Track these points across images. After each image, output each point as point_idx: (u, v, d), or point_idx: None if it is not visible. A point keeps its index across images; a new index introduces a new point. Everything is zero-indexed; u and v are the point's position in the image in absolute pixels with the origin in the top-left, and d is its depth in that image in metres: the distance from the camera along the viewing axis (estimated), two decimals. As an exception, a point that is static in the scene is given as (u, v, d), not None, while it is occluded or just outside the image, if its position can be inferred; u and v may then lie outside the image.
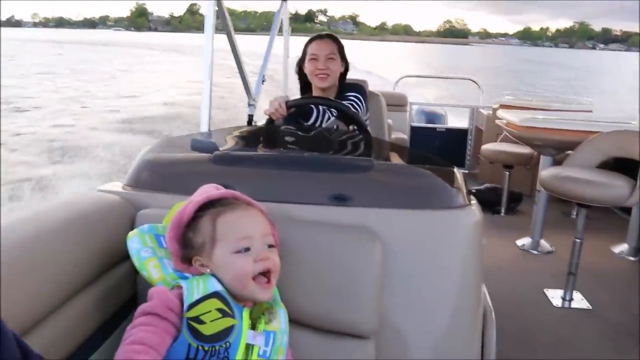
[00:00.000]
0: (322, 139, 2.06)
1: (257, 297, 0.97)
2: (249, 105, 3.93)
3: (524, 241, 3.81)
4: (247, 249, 0.96)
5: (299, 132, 2.16)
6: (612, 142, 3.16)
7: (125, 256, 1.08)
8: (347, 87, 2.47)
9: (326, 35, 2.48)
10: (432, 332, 1.20)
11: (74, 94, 15.45)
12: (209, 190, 1.05)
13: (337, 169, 1.39)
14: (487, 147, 4.59)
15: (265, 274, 0.97)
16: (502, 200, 4.55)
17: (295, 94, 2.73)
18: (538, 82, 28.75)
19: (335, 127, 2.34)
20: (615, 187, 2.83)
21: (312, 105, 2.30)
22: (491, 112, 5.23)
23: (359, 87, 2.50)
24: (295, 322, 1.08)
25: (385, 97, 3.22)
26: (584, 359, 2.42)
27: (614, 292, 3.12)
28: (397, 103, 5.63)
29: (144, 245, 1.04)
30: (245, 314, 0.95)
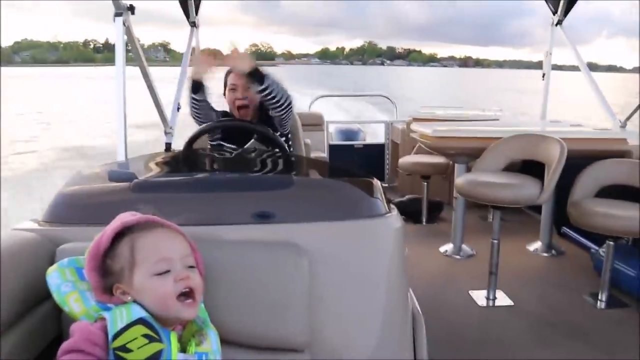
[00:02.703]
0: (242, 160, 2.04)
1: (182, 316, 0.96)
2: (166, 133, 3.85)
3: (446, 247, 3.94)
4: (167, 271, 0.95)
5: (218, 155, 2.13)
6: (513, 146, 3.37)
7: (48, 294, 1.03)
8: (268, 114, 2.48)
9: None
10: (364, 339, 1.21)
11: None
12: (125, 217, 1.03)
13: (259, 188, 1.40)
14: (404, 159, 4.73)
15: (189, 293, 0.96)
16: (423, 210, 4.70)
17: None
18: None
19: (254, 148, 2.34)
20: (526, 188, 3.01)
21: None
22: (405, 126, 5.41)
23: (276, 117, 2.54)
24: (228, 342, 1.07)
25: (301, 118, 3.25)
26: (510, 353, 2.52)
27: (532, 287, 3.28)
28: (314, 123, 5.70)
29: (64, 280, 1.01)
30: (173, 337, 0.94)
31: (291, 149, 2.43)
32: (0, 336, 0.98)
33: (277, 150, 2.20)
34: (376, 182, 1.48)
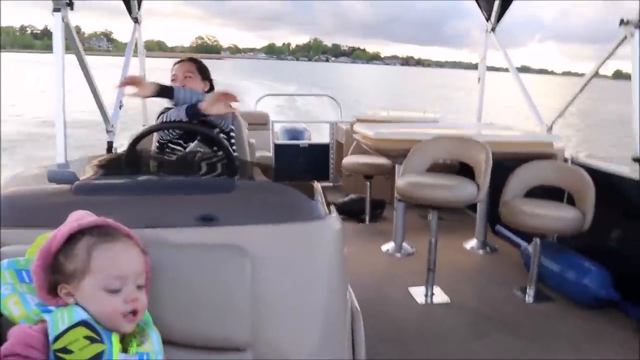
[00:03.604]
0: (185, 162, 2.04)
1: (121, 329, 0.98)
2: (108, 131, 3.76)
3: (387, 246, 4.07)
4: (119, 290, 0.97)
5: (161, 157, 2.13)
6: (436, 148, 3.54)
7: None
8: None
9: (187, 59, 2.65)
10: (304, 339, 1.26)
11: None
12: (81, 217, 1.03)
13: (202, 191, 1.42)
14: (347, 159, 4.83)
15: (134, 312, 0.98)
16: (366, 209, 4.82)
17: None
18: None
19: (198, 150, 2.35)
20: (463, 189, 3.17)
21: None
22: (349, 126, 5.51)
23: (223, 116, 2.54)
24: (170, 342, 1.10)
25: (246, 117, 3.26)
26: (446, 346, 2.66)
27: (467, 283, 3.46)
28: (259, 122, 5.72)
29: (4, 283, 1.00)
30: (115, 338, 0.96)
31: (234, 147, 2.46)
32: None
33: (220, 152, 2.22)
34: (317, 185, 1.54)
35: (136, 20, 4.35)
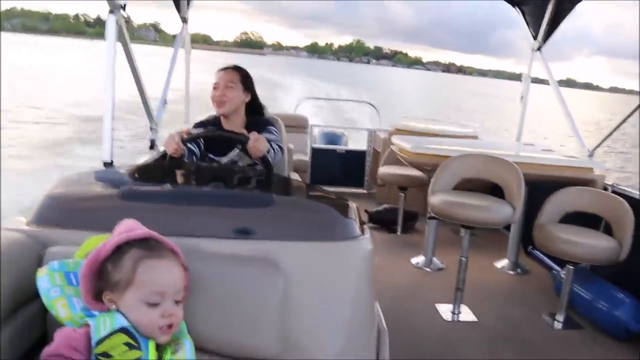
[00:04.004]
0: (226, 173, 2.10)
1: (157, 340, 1.03)
2: (151, 129, 3.87)
3: (418, 259, 4.08)
4: (157, 304, 1.02)
5: (203, 166, 2.18)
6: (462, 165, 3.50)
7: (35, 294, 1.08)
8: (259, 123, 2.53)
9: (231, 67, 2.57)
10: (331, 352, 1.29)
11: None
12: (130, 226, 1.09)
13: (241, 204, 1.47)
14: (382, 169, 4.84)
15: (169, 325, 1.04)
16: (399, 220, 4.84)
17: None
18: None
19: (238, 159, 2.41)
20: (498, 210, 3.15)
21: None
22: (387, 135, 5.53)
23: (268, 122, 2.59)
24: (203, 350, 1.15)
25: (285, 119, 3.31)
26: None
27: (496, 304, 3.45)
28: (298, 125, 5.79)
29: (53, 285, 1.06)
30: (151, 345, 1.01)
31: (275, 153, 2.44)
32: None
33: (261, 165, 2.26)
34: (352, 205, 1.57)
35: (184, 20, 4.47)
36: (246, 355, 1.19)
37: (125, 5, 3.00)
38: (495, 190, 3.44)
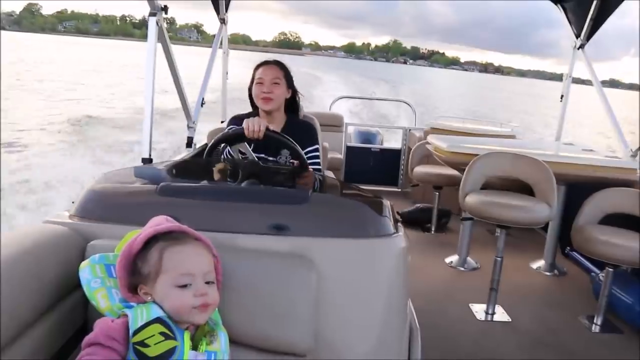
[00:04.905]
0: (263, 170, 2.12)
1: (194, 321, 1.07)
2: (189, 127, 3.97)
3: (452, 258, 4.05)
4: (188, 285, 1.06)
5: (239, 162, 2.20)
6: (490, 164, 3.45)
7: (76, 285, 1.13)
8: (296, 123, 2.51)
9: (273, 62, 2.52)
10: (363, 350, 1.31)
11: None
12: (159, 222, 1.13)
13: (276, 201, 1.49)
14: (417, 169, 4.81)
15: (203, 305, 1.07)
16: (433, 219, 4.81)
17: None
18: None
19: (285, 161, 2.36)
20: (534, 210, 3.11)
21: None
22: (422, 134, 5.50)
23: (310, 127, 2.54)
24: (237, 342, 1.18)
25: (321, 118, 3.33)
26: None
27: (531, 305, 3.40)
28: (333, 123, 5.81)
29: (94, 276, 1.11)
30: (186, 335, 1.05)
31: (317, 184, 2.42)
32: (34, 323, 1.09)
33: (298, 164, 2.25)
34: (386, 202, 1.58)
35: (223, 21, 4.55)
36: (278, 350, 1.22)
37: (166, 7, 3.07)
38: (524, 191, 3.39)
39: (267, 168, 2.11)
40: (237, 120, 2.47)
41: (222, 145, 2.26)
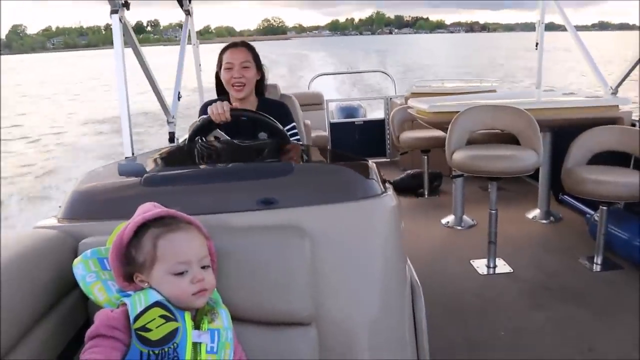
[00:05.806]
0: (244, 149, 2.11)
1: (194, 305, 1.07)
2: (169, 123, 3.93)
3: (448, 219, 4.05)
4: (184, 272, 1.05)
5: (220, 146, 2.19)
6: (473, 118, 3.43)
7: (74, 284, 1.13)
8: (269, 103, 2.45)
9: (240, 43, 2.43)
10: (365, 312, 1.31)
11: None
12: (147, 209, 1.12)
13: (262, 175, 1.49)
14: (403, 135, 4.78)
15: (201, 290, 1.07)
16: (424, 183, 4.80)
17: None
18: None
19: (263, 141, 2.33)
20: (521, 158, 3.09)
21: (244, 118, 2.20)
22: (404, 101, 5.45)
23: (283, 105, 2.49)
24: (239, 319, 1.18)
25: (300, 97, 3.29)
26: (507, 317, 2.65)
27: (531, 254, 3.40)
28: (314, 102, 5.77)
29: (88, 271, 1.11)
30: (187, 316, 1.05)
31: (297, 137, 2.33)
32: (34, 326, 1.09)
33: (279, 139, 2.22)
34: (371, 164, 1.57)
35: (188, 13, 4.48)
36: (280, 320, 1.22)
37: (127, 3, 3.01)
38: (510, 142, 3.37)
39: (249, 146, 2.10)
40: (207, 106, 2.37)
41: (197, 138, 2.23)
